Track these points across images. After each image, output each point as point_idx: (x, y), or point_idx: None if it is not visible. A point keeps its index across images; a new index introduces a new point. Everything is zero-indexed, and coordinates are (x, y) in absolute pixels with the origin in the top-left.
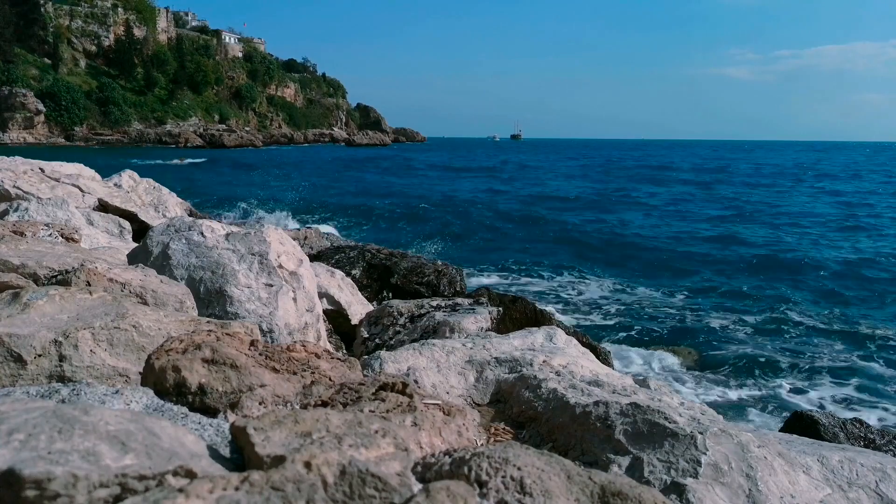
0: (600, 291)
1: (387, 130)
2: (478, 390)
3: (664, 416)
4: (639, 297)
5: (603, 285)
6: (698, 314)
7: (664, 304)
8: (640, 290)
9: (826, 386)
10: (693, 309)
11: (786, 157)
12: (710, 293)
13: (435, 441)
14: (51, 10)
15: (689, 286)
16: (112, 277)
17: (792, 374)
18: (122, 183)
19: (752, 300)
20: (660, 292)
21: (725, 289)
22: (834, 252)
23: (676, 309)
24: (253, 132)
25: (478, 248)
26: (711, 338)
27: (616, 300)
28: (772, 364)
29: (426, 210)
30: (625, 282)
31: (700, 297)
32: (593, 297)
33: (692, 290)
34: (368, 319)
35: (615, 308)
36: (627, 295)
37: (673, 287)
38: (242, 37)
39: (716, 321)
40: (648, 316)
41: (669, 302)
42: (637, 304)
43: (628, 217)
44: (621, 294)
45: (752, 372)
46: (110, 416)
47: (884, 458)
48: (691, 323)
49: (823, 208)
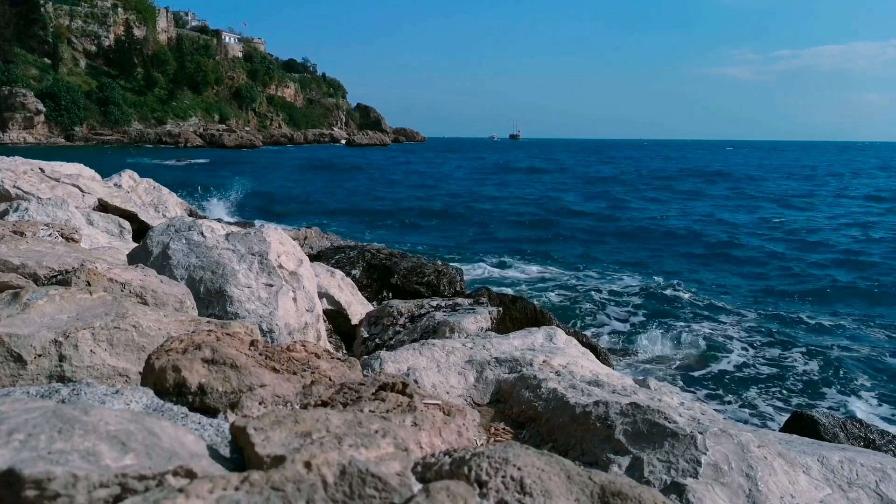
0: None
1: (387, 130)
2: (478, 390)
3: (664, 415)
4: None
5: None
6: (703, 313)
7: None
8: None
9: (827, 386)
10: (699, 308)
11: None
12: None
13: (435, 441)
14: (51, 10)
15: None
16: (112, 277)
17: (792, 373)
18: (122, 183)
19: (753, 300)
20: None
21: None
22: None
23: (679, 307)
24: (253, 132)
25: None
26: (712, 338)
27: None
28: (773, 363)
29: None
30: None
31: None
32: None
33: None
34: (368, 319)
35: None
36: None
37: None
38: (242, 37)
39: (716, 320)
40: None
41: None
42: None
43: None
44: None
45: (752, 372)
46: (110, 416)
47: (884, 458)
48: (692, 322)
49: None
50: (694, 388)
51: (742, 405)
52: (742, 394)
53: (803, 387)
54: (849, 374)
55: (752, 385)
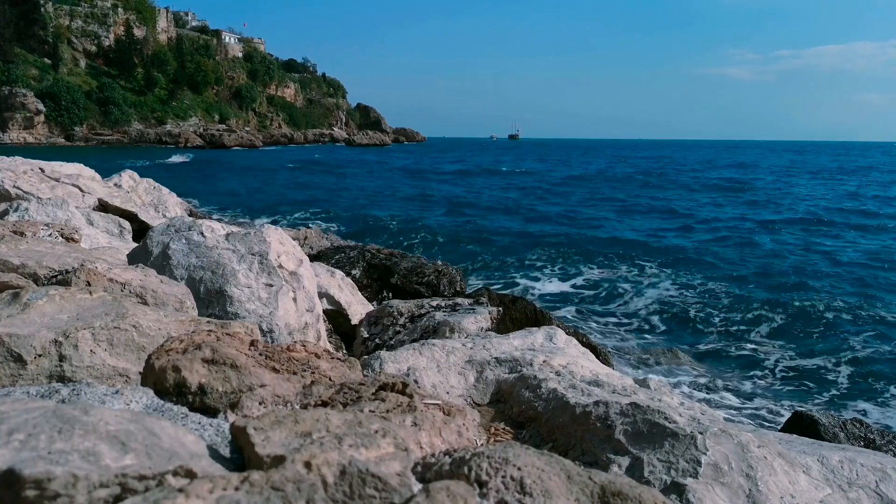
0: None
1: (387, 130)
2: (478, 390)
3: (664, 415)
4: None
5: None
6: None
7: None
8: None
9: (828, 387)
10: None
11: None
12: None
13: (435, 441)
14: (51, 10)
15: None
16: (112, 277)
17: (793, 374)
18: (122, 183)
19: (756, 299)
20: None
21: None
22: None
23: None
24: (253, 132)
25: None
26: (712, 337)
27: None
28: (773, 363)
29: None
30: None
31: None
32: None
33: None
34: (368, 319)
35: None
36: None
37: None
38: (242, 37)
39: (717, 320)
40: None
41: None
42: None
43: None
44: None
45: (752, 372)
46: (110, 416)
47: (884, 458)
48: (693, 320)
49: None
50: (694, 388)
51: (742, 405)
52: (742, 394)
53: (804, 386)
54: (856, 376)
55: (752, 385)
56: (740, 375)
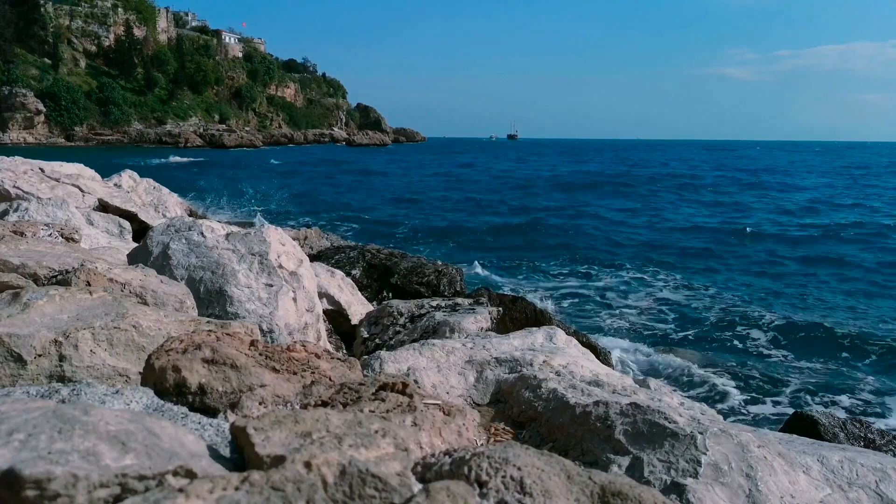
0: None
1: (387, 130)
2: (478, 390)
3: (664, 415)
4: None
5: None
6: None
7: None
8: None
9: (828, 387)
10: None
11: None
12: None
13: (435, 441)
14: (51, 10)
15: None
16: (112, 277)
17: (792, 373)
18: (122, 183)
19: (757, 300)
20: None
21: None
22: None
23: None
24: (253, 132)
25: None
26: (712, 337)
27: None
28: (773, 363)
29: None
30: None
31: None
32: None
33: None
34: (368, 319)
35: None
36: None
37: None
38: (242, 37)
39: (717, 320)
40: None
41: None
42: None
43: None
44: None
45: (752, 371)
46: (110, 416)
47: (884, 458)
48: (693, 320)
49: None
50: (694, 388)
51: (742, 405)
52: (743, 393)
53: (804, 387)
54: (855, 374)
55: (752, 385)
56: (740, 375)
